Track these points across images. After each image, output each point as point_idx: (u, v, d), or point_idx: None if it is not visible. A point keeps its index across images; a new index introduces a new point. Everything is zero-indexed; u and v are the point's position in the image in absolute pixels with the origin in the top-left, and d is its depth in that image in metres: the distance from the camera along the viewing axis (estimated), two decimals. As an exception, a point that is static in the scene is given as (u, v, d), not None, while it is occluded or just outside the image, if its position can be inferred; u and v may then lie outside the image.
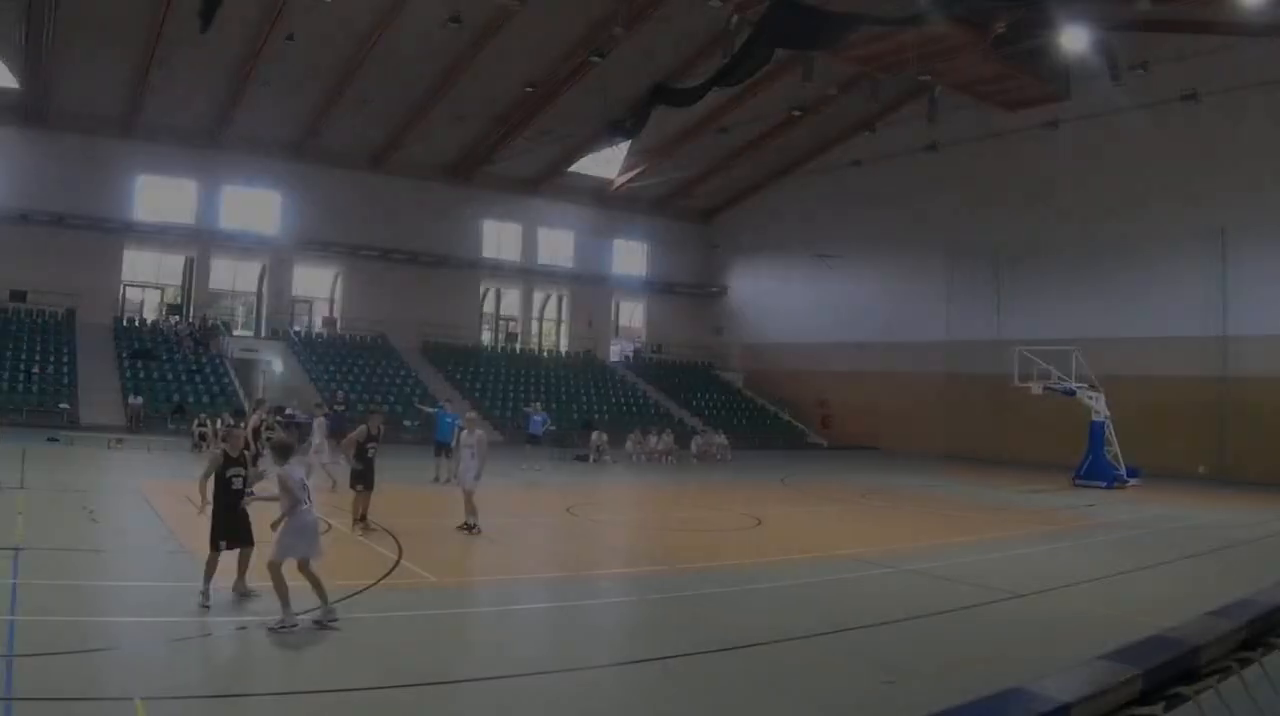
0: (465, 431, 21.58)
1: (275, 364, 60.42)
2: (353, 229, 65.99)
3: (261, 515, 14.34)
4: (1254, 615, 11.57)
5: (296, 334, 64.60)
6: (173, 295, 65.93)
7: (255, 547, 14.59)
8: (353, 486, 21.12)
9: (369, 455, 20.98)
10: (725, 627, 14.49)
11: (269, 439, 24.19)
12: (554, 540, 23.42)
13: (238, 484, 14.40)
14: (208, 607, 13.91)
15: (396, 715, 10.45)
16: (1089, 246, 54.47)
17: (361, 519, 20.30)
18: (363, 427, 21.18)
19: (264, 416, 30.04)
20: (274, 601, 13.46)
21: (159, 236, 62.92)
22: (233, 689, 10.83)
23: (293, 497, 13.40)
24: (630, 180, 71.61)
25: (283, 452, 14.00)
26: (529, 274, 74.23)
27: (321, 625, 13.02)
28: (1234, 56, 47.23)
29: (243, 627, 13.33)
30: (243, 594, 14.46)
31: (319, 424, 31.70)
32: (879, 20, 42.73)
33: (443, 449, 33.69)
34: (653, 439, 50.89)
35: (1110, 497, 38.39)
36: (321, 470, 29.26)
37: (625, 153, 69.06)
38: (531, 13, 49.18)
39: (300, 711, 10.32)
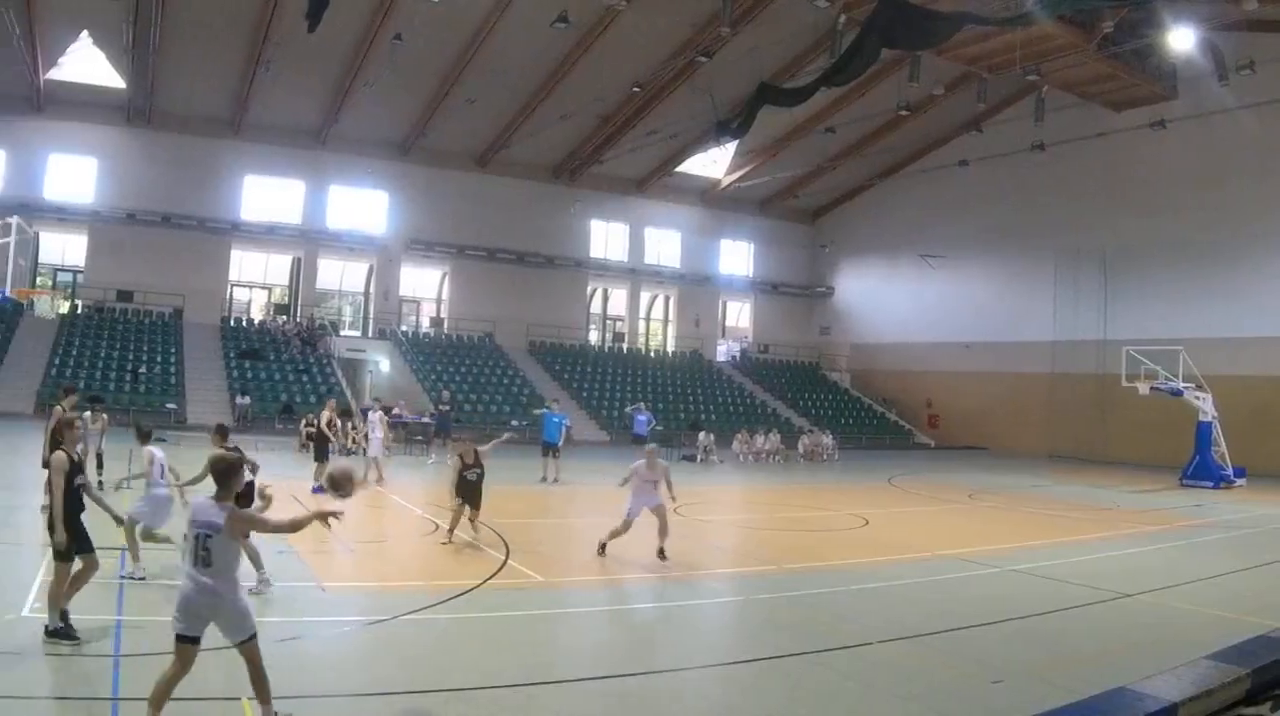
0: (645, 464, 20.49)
1: (382, 364, 60.92)
2: (459, 228, 66.46)
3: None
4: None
5: (403, 334, 64.91)
6: (280, 295, 67.08)
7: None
8: (456, 495, 20.87)
9: (471, 478, 20.80)
10: (832, 627, 14.48)
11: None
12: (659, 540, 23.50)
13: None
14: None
15: (501, 714, 10.42)
16: (1196, 246, 54.02)
17: (451, 531, 19.80)
18: (456, 459, 20.83)
19: (332, 412, 30.38)
20: (382, 602, 13.84)
21: (266, 236, 63.83)
22: (338, 688, 10.99)
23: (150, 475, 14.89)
24: (737, 180, 71.62)
25: (144, 436, 15.84)
26: (636, 274, 74.33)
27: (253, 591, 13.28)
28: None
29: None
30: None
31: (378, 418, 32.18)
32: (985, 20, 42.38)
33: (550, 449, 34.05)
34: (759, 439, 50.90)
35: (1217, 497, 38.08)
36: (372, 464, 30.44)
37: (732, 153, 69.07)
38: (638, 12, 49.29)
39: (404, 711, 10.41)
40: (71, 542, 12.20)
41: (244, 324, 62.99)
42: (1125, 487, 40.82)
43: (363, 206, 66.16)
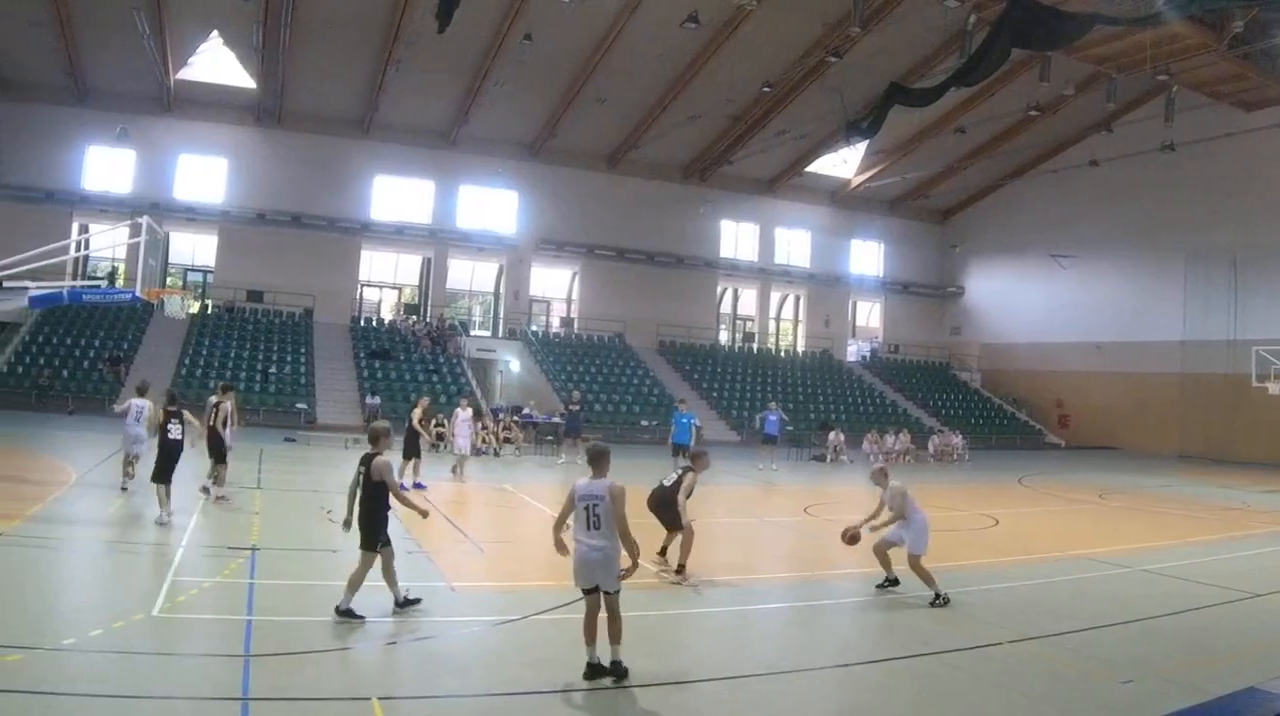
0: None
1: (512, 364, 61.21)
2: (590, 228, 66.83)
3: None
4: None
5: (533, 334, 65.26)
6: (410, 295, 67.76)
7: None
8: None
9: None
10: (961, 627, 14.56)
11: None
12: (791, 540, 23.43)
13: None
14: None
15: (630, 713, 10.54)
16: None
17: (681, 567, 18.10)
18: (691, 478, 19.63)
19: (424, 411, 30.78)
20: (512, 602, 14.10)
21: (396, 236, 64.57)
22: (469, 688, 11.02)
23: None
24: (867, 180, 71.43)
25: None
26: (766, 274, 74.28)
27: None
28: None
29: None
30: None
31: (463, 417, 32.29)
32: (1115, 20, 42.10)
33: (680, 450, 33.88)
34: (890, 439, 50.78)
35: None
36: (459, 461, 31.15)
37: (862, 152, 68.89)
38: (768, 12, 49.28)
39: (533, 710, 10.49)
40: (377, 536, 13.65)
41: (374, 324, 63.71)
42: (1255, 487, 40.52)
43: (493, 206, 66.61)
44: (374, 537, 13.75)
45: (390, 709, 9.90)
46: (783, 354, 74.05)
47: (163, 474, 20.02)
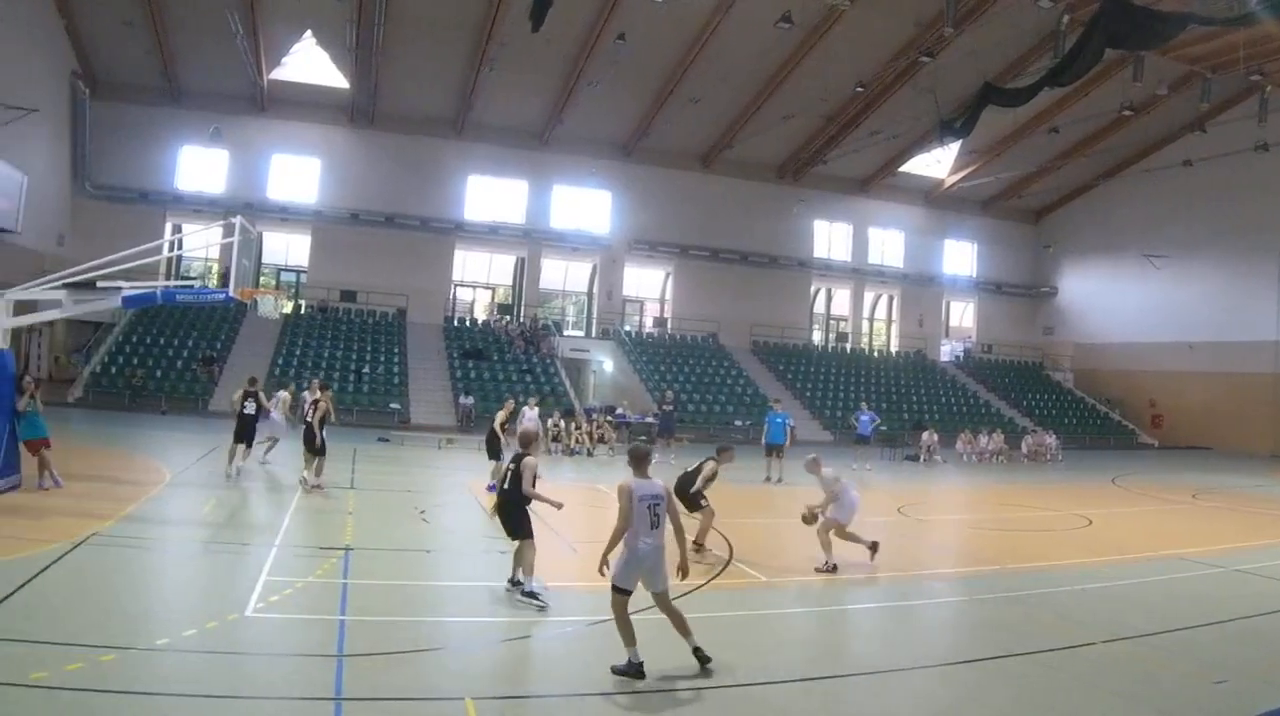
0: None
1: (605, 364, 61.30)
2: (683, 228, 66.89)
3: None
4: None
5: (627, 333, 65.42)
6: (503, 295, 67.90)
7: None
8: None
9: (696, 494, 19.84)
10: (1054, 627, 14.59)
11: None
12: (884, 539, 23.44)
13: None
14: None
15: (721, 712, 10.54)
16: None
17: (698, 545, 19.11)
18: (712, 466, 20.54)
19: (508, 412, 31.07)
20: (605, 602, 13.97)
21: (489, 236, 64.89)
22: (562, 687, 11.07)
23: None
24: (960, 180, 71.11)
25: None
26: (859, 274, 74.07)
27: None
28: None
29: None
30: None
31: (530, 414, 32.47)
32: (1209, 20, 41.83)
33: (774, 449, 34.06)
34: (983, 438, 50.68)
35: None
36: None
37: (955, 152, 68.66)
38: (861, 12, 49.39)
39: (626, 709, 10.52)
40: (522, 525, 14.94)
41: (467, 324, 63.95)
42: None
43: (586, 206, 66.83)
44: (521, 527, 14.99)
45: (484, 708, 9.99)
46: (876, 354, 73.80)
47: (240, 437, 23.97)
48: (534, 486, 14.87)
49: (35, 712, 9.00)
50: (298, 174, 61.93)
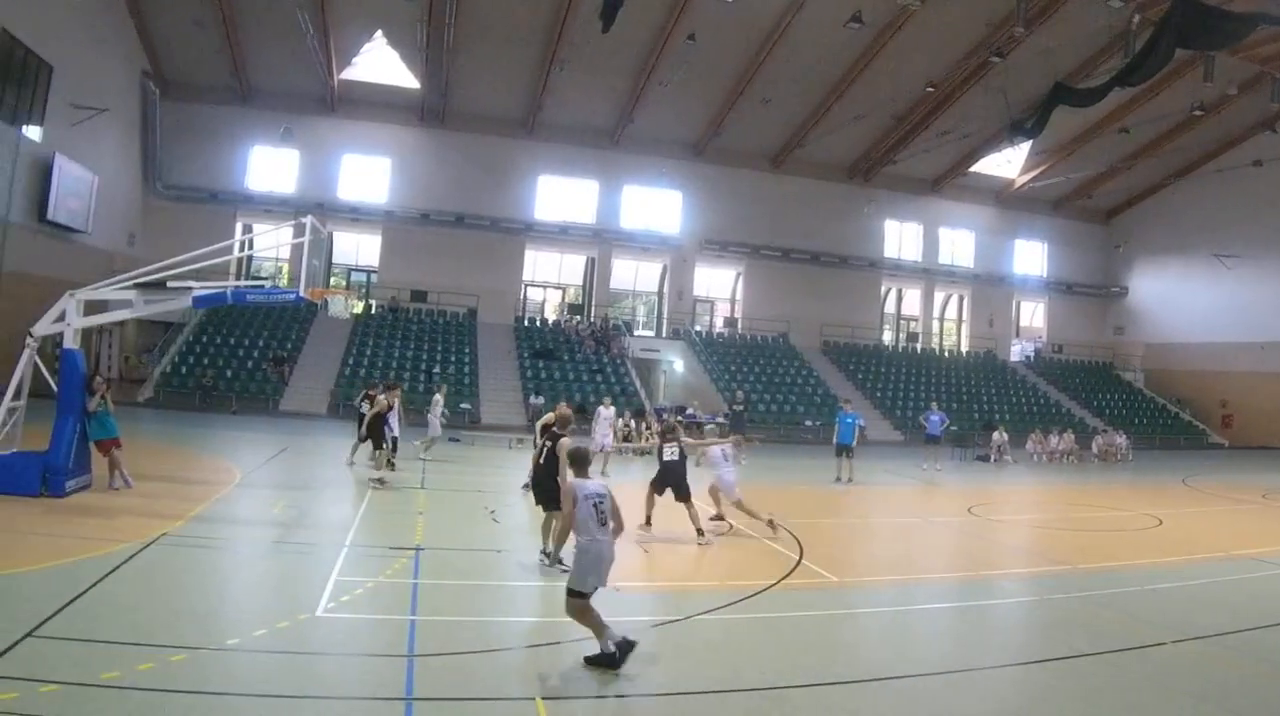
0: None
1: (676, 364, 61.43)
2: (754, 228, 66.91)
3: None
4: None
5: (697, 334, 65.35)
6: (574, 295, 68.08)
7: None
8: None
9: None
10: (1125, 628, 14.62)
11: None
12: (955, 540, 23.40)
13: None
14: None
15: (794, 713, 10.47)
16: None
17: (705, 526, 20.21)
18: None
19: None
20: (675, 603, 14.38)
21: (560, 236, 65.18)
22: (631, 688, 11.04)
23: None
24: (1031, 180, 70.89)
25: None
26: (930, 274, 73.95)
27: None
28: None
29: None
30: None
31: (605, 414, 32.87)
32: (1279, 20, 41.82)
33: (844, 449, 33.88)
34: (1053, 438, 50.59)
35: None
36: (601, 456, 30.92)
37: (1026, 152, 68.47)
38: (932, 12, 49.41)
39: (696, 711, 10.54)
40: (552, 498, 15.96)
41: (538, 324, 64.13)
42: None
43: (657, 206, 66.92)
44: (553, 499, 16.01)
45: (554, 709, 10.11)
46: (946, 354, 73.64)
47: (370, 441, 25.20)
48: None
49: (107, 712, 9.12)
50: (368, 174, 62.42)
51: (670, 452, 20.90)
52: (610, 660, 11.30)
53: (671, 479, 20.50)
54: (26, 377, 21.02)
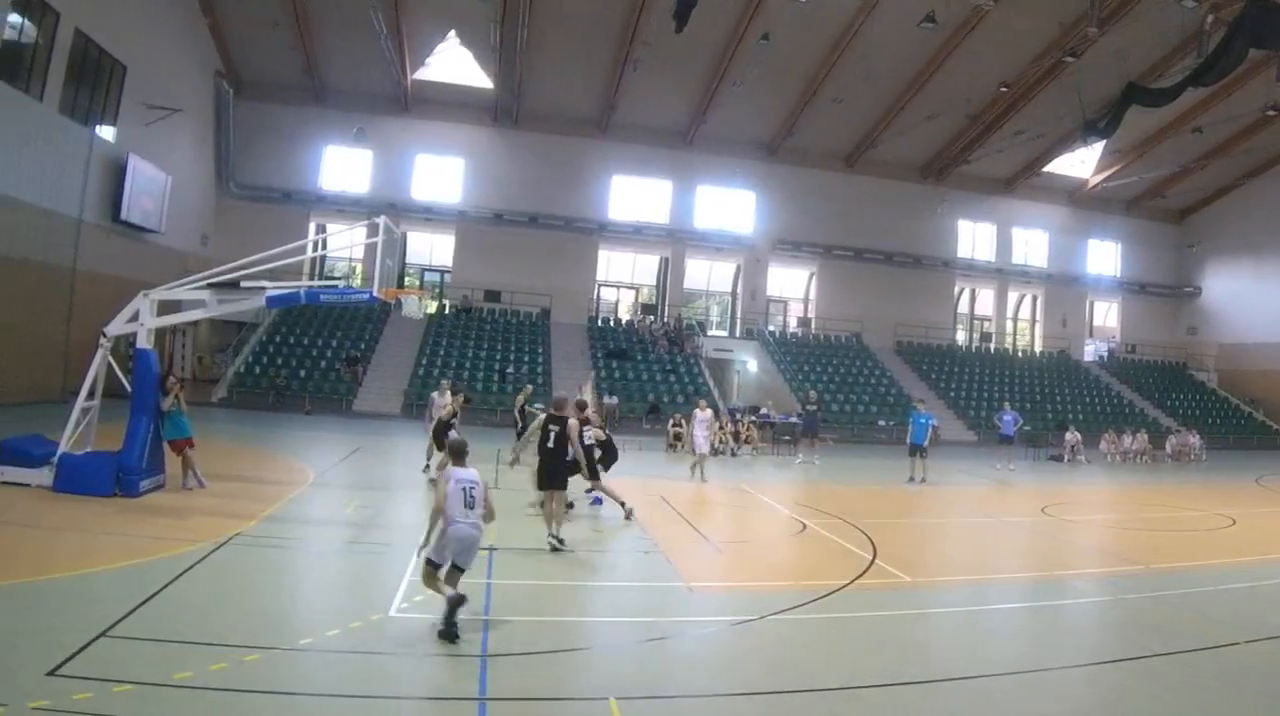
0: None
1: (749, 364, 61.42)
2: (826, 228, 66.95)
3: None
4: None
5: (771, 333, 65.45)
6: (647, 295, 68.22)
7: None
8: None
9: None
10: (1199, 628, 14.61)
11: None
12: (1028, 540, 23.40)
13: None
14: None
15: (867, 714, 10.55)
16: None
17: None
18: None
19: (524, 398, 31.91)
20: (748, 602, 14.38)
21: (633, 236, 65.37)
22: (706, 688, 11.09)
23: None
24: (1104, 180, 70.52)
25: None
26: (1003, 274, 73.70)
27: None
28: None
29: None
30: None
31: (701, 417, 32.52)
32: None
33: (917, 450, 33.96)
34: (1127, 438, 50.45)
35: None
36: (699, 460, 31.01)
37: (1099, 152, 68.22)
38: (1005, 12, 49.44)
39: (769, 711, 10.53)
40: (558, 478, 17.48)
41: (611, 324, 64.31)
42: None
43: (730, 206, 67.00)
44: (559, 480, 17.63)
45: (627, 709, 10.07)
46: (1020, 354, 73.38)
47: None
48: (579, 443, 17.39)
49: (180, 712, 9.26)
50: (441, 174, 62.89)
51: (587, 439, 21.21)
52: (457, 599, 12.22)
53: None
54: (100, 377, 21.25)
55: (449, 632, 11.92)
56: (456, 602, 12.13)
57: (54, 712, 8.86)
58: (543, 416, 18.65)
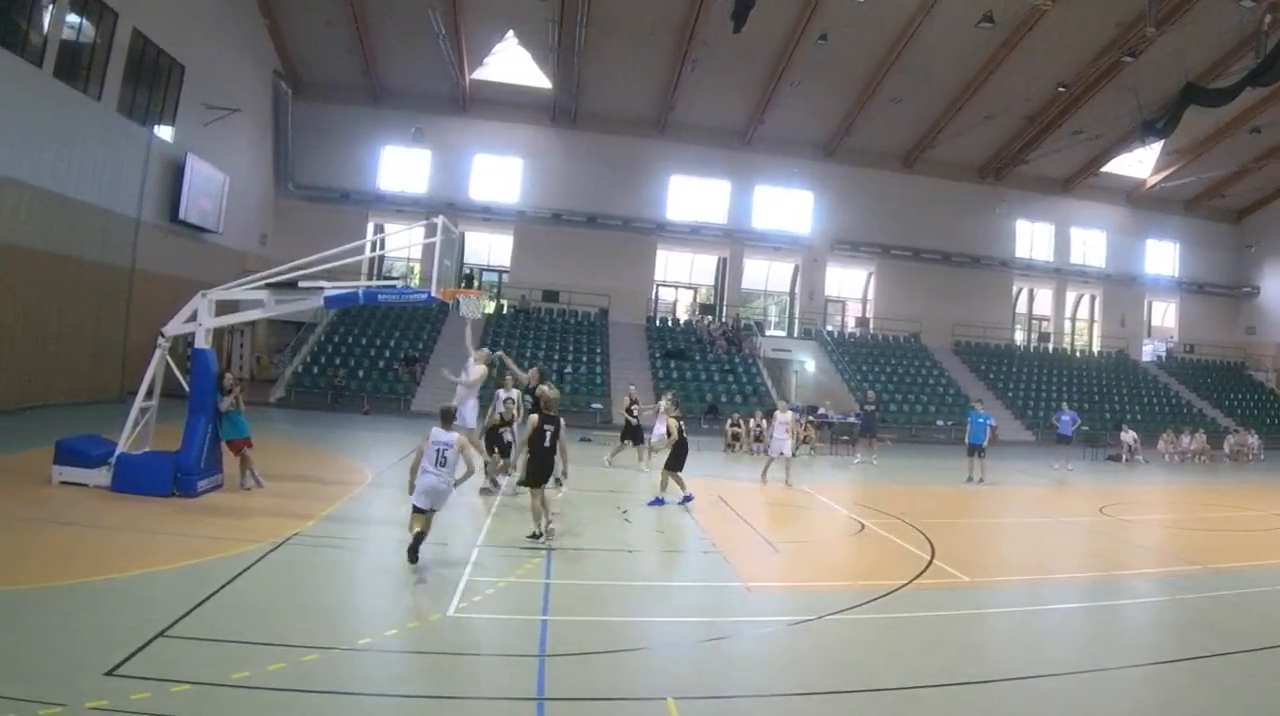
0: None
1: (807, 364, 61.39)
2: (885, 228, 66.92)
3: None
4: None
5: (829, 333, 65.36)
6: (705, 295, 68.35)
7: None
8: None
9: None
10: (1259, 628, 14.64)
11: None
12: (1086, 540, 23.39)
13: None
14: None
15: (925, 714, 10.59)
16: None
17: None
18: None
19: (632, 397, 32.39)
20: (807, 602, 14.50)
21: (691, 236, 65.45)
22: (765, 688, 11.12)
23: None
24: (1162, 180, 70.29)
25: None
26: (1061, 274, 73.44)
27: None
28: None
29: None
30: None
31: (782, 419, 31.50)
32: None
33: (975, 450, 34.00)
34: (1185, 438, 50.40)
35: None
36: (782, 462, 30.82)
37: (1157, 152, 68.00)
38: (1063, 12, 49.33)
39: (828, 711, 10.55)
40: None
41: (669, 324, 64.40)
42: None
43: (788, 206, 67.04)
44: (547, 476, 18.77)
45: (685, 708, 10.10)
46: (1078, 354, 73.11)
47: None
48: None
49: (238, 712, 9.35)
50: (500, 174, 63.20)
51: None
52: (418, 538, 15.68)
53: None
54: (158, 377, 21.59)
55: (411, 554, 15.42)
56: (420, 537, 15.66)
57: (112, 712, 9.03)
58: (535, 416, 18.68)
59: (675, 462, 24.20)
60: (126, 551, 15.43)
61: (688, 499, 23.92)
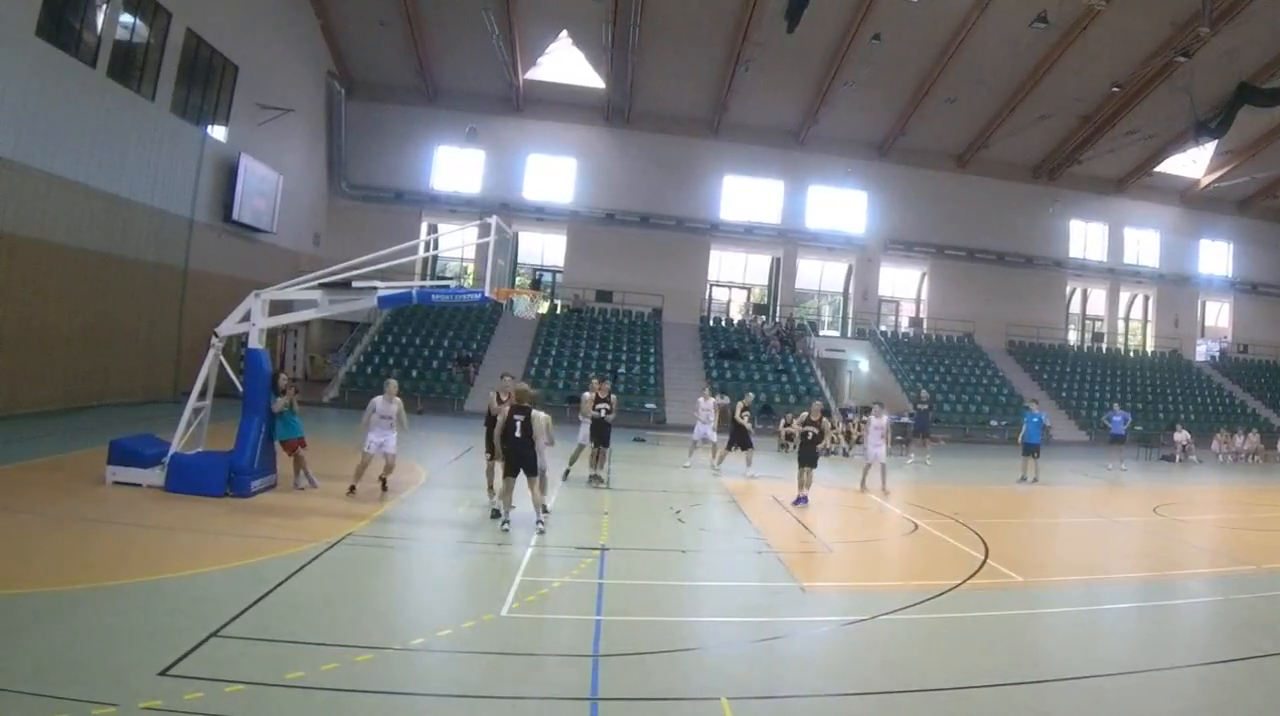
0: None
1: (861, 364, 61.34)
2: (939, 228, 67.07)
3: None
4: None
5: (882, 334, 65.50)
6: (759, 295, 68.55)
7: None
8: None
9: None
10: None
11: None
12: (1139, 539, 23.42)
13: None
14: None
15: (978, 714, 10.59)
16: None
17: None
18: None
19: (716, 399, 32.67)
20: (861, 602, 14.66)
21: (745, 237, 65.75)
22: (819, 688, 11.16)
23: None
24: (1216, 180, 70.02)
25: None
26: (1115, 274, 73.22)
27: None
28: None
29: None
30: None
31: (877, 424, 31.28)
32: None
33: (1030, 449, 34.06)
34: (1239, 438, 50.33)
35: None
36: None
37: (1211, 152, 67.75)
38: (1117, 12, 49.45)
39: (882, 710, 10.64)
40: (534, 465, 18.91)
41: (723, 324, 64.52)
42: None
43: (842, 206, 67.17)
44: (534, 465, 18.93)
45: (739, 708, 10.12)
46: (1131, 354, 72.87)
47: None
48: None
49: (292, 712, 9.44)
50: (553, 174, 63.75)
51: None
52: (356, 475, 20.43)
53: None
54: (212, 377, 21.86)
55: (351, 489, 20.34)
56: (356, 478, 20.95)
57: (165, 712, 9.16)
58: (508, 407, 18.94)
59: (809, 460, 25.03)
60: (180, 551, 15.72)
61: (801, 500, 24.41)
